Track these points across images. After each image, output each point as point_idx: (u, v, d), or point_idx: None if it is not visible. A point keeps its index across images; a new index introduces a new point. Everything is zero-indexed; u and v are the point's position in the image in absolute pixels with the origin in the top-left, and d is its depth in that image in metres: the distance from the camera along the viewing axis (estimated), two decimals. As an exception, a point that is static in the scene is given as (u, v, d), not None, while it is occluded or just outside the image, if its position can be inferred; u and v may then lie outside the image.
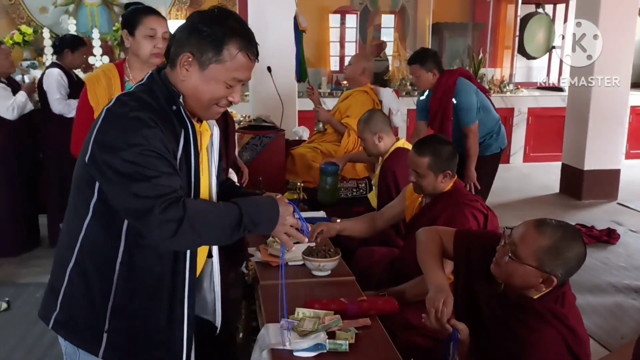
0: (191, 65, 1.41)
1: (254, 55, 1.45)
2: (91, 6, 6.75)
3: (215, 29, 1.40)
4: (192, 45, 1.41)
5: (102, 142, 1.34)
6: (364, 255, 2.79)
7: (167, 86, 1.44)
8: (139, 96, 1.41)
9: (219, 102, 1.47)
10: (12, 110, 3.95)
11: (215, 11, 1.44)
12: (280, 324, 1.81)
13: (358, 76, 4.02)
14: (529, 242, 1.66)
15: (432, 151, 2.40)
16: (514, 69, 7.76)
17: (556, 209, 5.54)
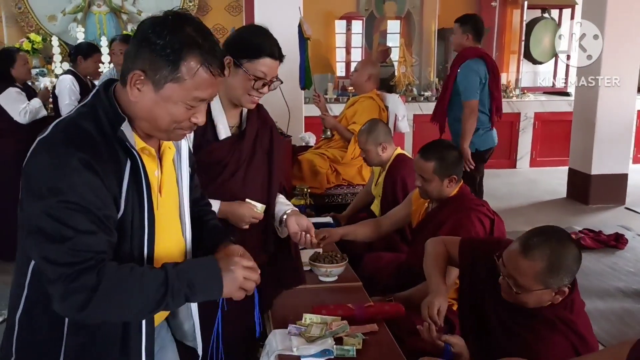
0: (144, 85, 1.21)
1: (218, 69, 1.24)
2: (99, 14, 6.81)
3: (169, 40, 1.18)
4: (144, 60, 1.20)
5: (26, 179, 1.18)
6: (370, 261, 2.79)
7: (113, 107, 1.24)
8: (77, 123, 1.21)
9: (180, 125, 1.27)
10: (25, 114, 4.01)
11: (169, 18, 1.23)
12: (288, 329, 1.82)
13: (364, 82, 4.04)
14: (525, 272, 1.64)
15: (437, 156, 2.41)
16: (520, 74, 7.75)
17: (563, 213, 5.53)
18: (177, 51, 1.18)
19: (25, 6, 6.68)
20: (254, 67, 1.86)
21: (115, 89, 1.28)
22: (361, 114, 3.92)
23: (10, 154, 4.14)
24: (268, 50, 1.87)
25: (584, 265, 4.25)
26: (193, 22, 1.25)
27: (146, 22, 1.24)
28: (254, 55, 1.85)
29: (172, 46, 1.18)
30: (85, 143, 1.17)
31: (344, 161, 3.97)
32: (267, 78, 1.87)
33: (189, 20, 1.25)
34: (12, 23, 6.71)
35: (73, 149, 1.14)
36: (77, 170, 1.13)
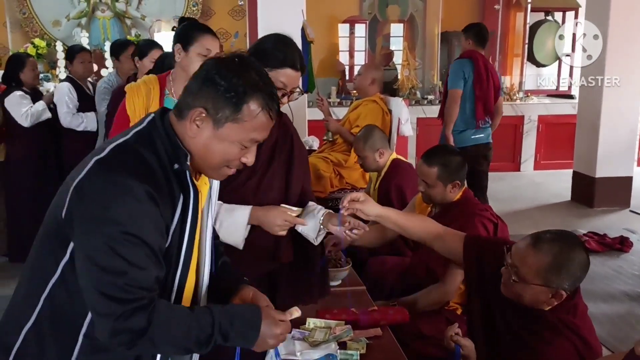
0: (204, 122, 1.24)
1: (276, 113, 1.29)
2: (103, 19, 6.84)
3: (234, 82, 1.22)
4: (207, 99, 1.23)
5: (82, 203, 1.16)
6: (374, 265, 2.79)
7: (173, 141, 1.25)
8: (138, 151, 1.21)
9: (230, 164, 1.30)
10: (27, 117, 4.05)
11: (235, 60, 1.27)
12: (291, 334, 1.82)
13: (367, 86, 4.04)
14: (530, 263, 1.65)
15: (441, 161, 2.41)
16: (523, 77, 7.74)
17: (568, 217, 5.51)
18: (242, 94, 1.22)
19: (30, 11, 6.72)
20: (274, 76, 1.81)
21: (170, 119, 1.28)
22: (364, 118, 3.93)
23: (19, 158, 4.20)
24: (289, 61, 1.87)
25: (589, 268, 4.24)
26: (256, 67, 1.29)
27: (210, 63, 1.27)
28: (274, 64, 1.85)
29: (236, 88, 1.22)
30: (147, 174, 1.18)
31: (348, 165, 3.97)
32: (287, 89, 1.88)
33: (252, 64, 1.29)
34: (16, 28, 6.75)
35: (136, 181, 1.15)
36: (140, 201, 1.14)
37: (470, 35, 4.57)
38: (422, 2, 7.60)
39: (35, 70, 4.27)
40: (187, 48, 2.25)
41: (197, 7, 7.01)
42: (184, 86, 1.30)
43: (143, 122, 1.29)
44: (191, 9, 7.01)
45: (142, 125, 1.28)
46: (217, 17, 7.10)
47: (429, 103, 7.11)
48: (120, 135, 1.26)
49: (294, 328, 1.86)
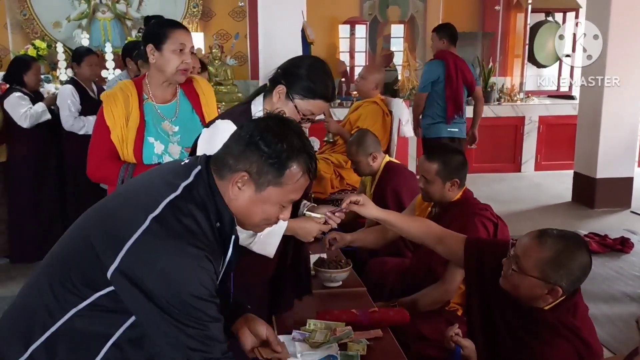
0: (245, 185, 1.28)
1: (315, 172, 1.34)
2: (104, 20, 6.84)
3: (277, 148, 1.26)
4: (250, 163, 1.27)
5: (145, 267, 1.18)
6: (375, 266, 2.79)
7: (219, 204, 1.29)
8: (191, 213, 1.24)
9: (268, 222, 1.37)
10: (25, 118, 4.06)
11: (277, 123, 1.31)
12: (292, 335, 1.82)
13: (370, 90, 4.06)
14: (531, 254, 1.66)
15: (441, 158, 2.42)
16: (524, 78, 7.74)
17: (569, 217, 5.50)
18: (285, 159, 1.27)
19: (31, 13, 6.72)
20: (305, 105, 1.83)
21: (215, 180, 1.30)
22: (365, 119, 3.93)
23: (20, 159, 4.21)
24: (325, 94, 1.84)
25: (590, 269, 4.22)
26: (295, 128, 1.34)
27: (253, 126, 1.30)
28: (309, 95, 1.82)
29: (280, 154, 1.26)
30: (204, 239, 1.24)
31: (348, 166, 3.96)
32: (313, 117, 1.87)
33: (293, 126, 1.33)
34: (17, 30, 6.76)
35: (199, 240, 1.22)
36: (204, 263, 1.21)
37: (445, 35, 4.78)
38: (422, 3, 7.60)
39: (38, 75, 4.31)
40: (160, 47, 2.18)
41: (197, 8, 7.01)
42: (224, 144, 1.33)
43: (189, 173, 1.30)
44: (191, 10, 7.01)
45: (189, 179, 1.29)
46: (217, 18, 7.10)
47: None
48: (166, 186, 1.27)
49: (294, 329, 1.86)
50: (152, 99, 2.27)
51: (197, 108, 2.36)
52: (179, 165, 1.36)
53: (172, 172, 1.33)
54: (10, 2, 6.67)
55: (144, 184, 1.35)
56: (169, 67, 2.20)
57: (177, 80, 2.25)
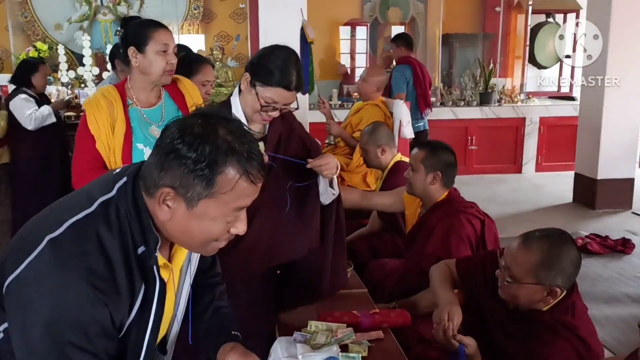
0: (175, 202, 1.06)
1: (259, 173, 1.08)
2: (105, 22, 6.85)
3: (201, 152, 1.02)
4: (173, 176, 1.04)
5: (23, 288, 1.02)
6: (375, 268, 2.79)
7: (144, 222, 1.09)
8: (98, 236, 1.04)
9: (217, 239, 1.13)
10: (31, 120, 4.10)
11: (198, 122, 1.06)
12: (293, 337, 1.82)
13: (372, 93, 4.07)
14: (520, 262, 1.66)
15: (430, 148, 2.48)
16: (525, 79, 7.75)
17: (570, 219, 5.50)
18: (212, 164, 1.03)
19: (32, 15, 6.73)
20: (265, 92, 1.84)
21: (143, 196, 1.10)
22: (367, 122, 3.92)
23: (24, 159, 4.23)
24: (283, 81, 1.83)
25: (591, 270, 4.23)
26: (225, 122, 1.08)
27: (172, 128, 1.07)
28: (267, 82, 1.83)
29: (205, 159, 1.02)
30: (103, 271, 1.03)
31: (349, 168, 3.97)
32: (276, 105, 1.86)
33: (221, 120, 1.08)
34: (18, 32, 6.77)
35: (88, 284, 1.01)
36: (85, 301, 1.01)
37: (401, 43, 5.43)
38: (423, 4, 7.61)
39: (46, 77, 4.36)
40: (143, 49, 2.10)
41: (198, 10, 7.02)
42: (148, 156, 1.10)
43: (113, 186, 1.10)
44: (192, 12, 7.01)
45: (110, 193, 1.09)
46: (218, 19, 7.11)
47: (430, 105, 7.10)
48: (82, 200, 1.09)
49: (295, 331, 1.86)
50: (137, 103, 2.19)
51: (183, 108, 2.29)
52: (112, 172, 1.17)
53: (101, 183, 1.14)
54: (12, 4, 6.68)
55: (70, 195, 1.18)
56: (155, 69, 2.12)
57: (163, 82, 2.19)
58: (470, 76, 7.32)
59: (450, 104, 7.15)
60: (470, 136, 7.11)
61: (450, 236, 2.32)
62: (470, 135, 7.11)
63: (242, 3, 7.04)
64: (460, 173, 2.55)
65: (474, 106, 7.15)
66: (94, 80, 6.15)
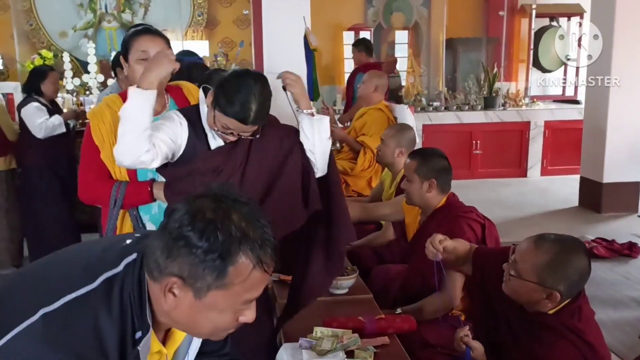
0: (181, 290, 0.99)
1: (273, 261, 1.01)
2: (110, 30, 6.90)
3: (214, 242, 0.96)
4: (181, 265, 0.97)
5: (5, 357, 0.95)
6: (380, 273, 2.78)
7: (144, 312, 1.02)
8: (95, 319, 0.97)
9: (226, 329, 1.08)
10: (41, 129, 4.12)
11: (210, 204, 0.99)
12: (299, 343, 1.82)
13: (371, 94, 4.04)
14: (528, 259, 1.67)
15: (422, 157, 2.46)
16: (529, 83, 7.74)
17: (575, 222, 5.48)
18: (225, 254, 0.96)
19: (37, 23, 6.78)
20: (222, 119, 1.77)
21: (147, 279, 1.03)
22: (370, 126, 3.93)
23: (31, 166, 4.25)
24: (240, 115, 1.74)
25: (597, 274, 4.21)
26: (239, 206, 1.01)
27: (181, 210, 0.99)
28: (223, 109, 1.75)
29: (217, 249, 0.96)
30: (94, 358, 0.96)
31: (354, 173, 3.97)
32: (234, 133, 1.79)
33: (234, 204, 1.01)
34: (24, 40, 6.81)
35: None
36: None
37: (362, 48, 5.56)
38: (426, 9, 7.62)
39: (56, 83, 4.36)
40: (127, 58, 2.04)
41: (202, 17, 7.06)
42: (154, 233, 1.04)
43: (120, 261, 1.03)
44: (196, 19, 7.05)
45: (116, 269, 1.03)
46: (222, 26, 7.15)
47: (435, 110, 7.11)
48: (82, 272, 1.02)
49: (301, 337, 1.86)
50: None
51: None
52: (120, 243, 1.09)
53: (105, 252, 1.06)
54: (17, 13, 6.73)
55: (66, 260, 1.11)
56: (134, 79, 1.99)
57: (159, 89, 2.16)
58: (474, 80, 7.32)
59: (454, 108, 7.15)
60: (475, 140, 7.10)
61: None
62: (474, 140, 7.10)
63: (245, 9, 7.07)
64: (464, 177, 2.55)
65: (478, 110, 7.15)
66: (99, 87, 6.17)
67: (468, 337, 1.80)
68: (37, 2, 6.76)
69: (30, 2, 6.74)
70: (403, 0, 7.58)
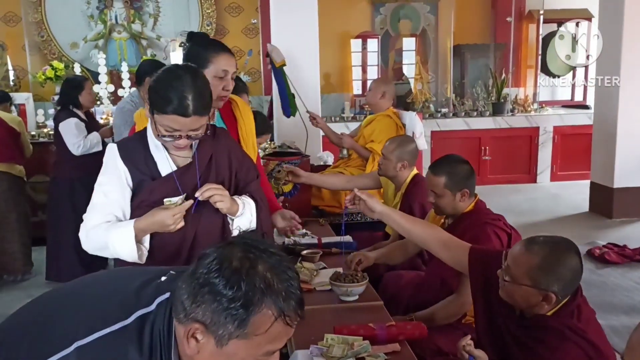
0: (204, 337, 1.00)
1: (298, 314, 1.01)
2: (120, 40, 6.97)
3: (237, 289, 0.97)
4: (204, 311, 0.98)
5: None
6: (391, 280, 2.78)
7: (172, 354, 1.04)
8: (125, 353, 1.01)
9: None
10: (78, 147, 4.13)
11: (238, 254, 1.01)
12: (309, 350, 1.82)
13: (378, 100, 4.04)
14: (521, 263, 1.68)
15: (447, 170, 2.41)
16: (537, 88, 7.72)
17: (586, 228, 5.45)
18: (248, 304, 0.96)
19: (48, 34, 6.87)
20: (162, 121, 1.65)
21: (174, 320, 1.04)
22: (379, 133, 3.93)
23: (64, 180, 4.26)
24: (175, 108, 1.62)
25: (610, 280, 4.17)
26: (267, 256, 1.02)
27: (210, 257, 1.01)
28: (160, 109, 1.64)
29: (241, 299, 0.96)
30: None
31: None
32: (178, 133, 1.65)
33: (262, 254, 1.02)
34: (35, 51, 6.90)
35: None
36: None
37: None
38: (433, 16, 7.64)
39: (92, 93, 4.36)
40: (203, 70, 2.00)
41: (211, 26, 7.12)
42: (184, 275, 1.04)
43: (153, 300, 1.06)
44: (205, 28, 7.11)
45: (150, 307, 1.06)
46: (230, 35, 7.20)
47: (443, 116, 7.11)
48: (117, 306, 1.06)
49: (311, 344, 1.86)
50: None
51: (233, 132, 2.19)
52: (156, 279, 1.11)
53: (142, 287, 1.09)
54: (29, 25, 6.82)
55: (104, 290, 1.13)
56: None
57: (215, 106, 2.09)
58: (482, 86, 7.32)
59: (462, 114, 7.15)
60: (484, 146, 7.10)
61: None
62: (483, 146, 7.09)
63: (254, 18, 7.12)
64: (474, 184, 2.53)
65: (487, 116, 7.15)
66: (110, 97, 6.23)
67: (471, 345, 1.79)
68: (48, 14, 6.85)
69: (41, 14, 6.83)
70: (410, 7, 7.60)
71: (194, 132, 1.67)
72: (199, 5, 7.10)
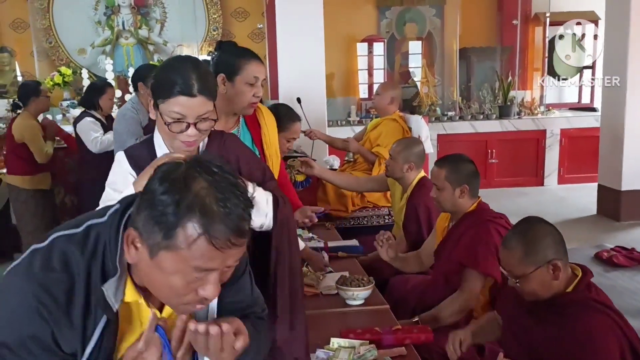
0: (142, 246, 1.02)
1: (228, 239, 0.99)
2: (127, 46, 7.01)
3: (170, 200, 0.97)
4: (142, 218, 1.00)
5: None
6: (397, 284, 2.78)
7: (110, 260, 1.05)
8: (66, 260, 1.04)
9: (183, 300, 1.05)
10: (96, 144, 4.16)
11: (184, 167, 1.01)
12: (316, 354, 1.82)
13: (386, 105, 4.05)
14: (511, 262, 1.78)
15: (450, 164, 2.47)
16: (544, 91, 7.70)
17: (594, 231, 5.42)
18: (174, 215, 0.97)
19: (56, 40, 6.92)
20: (167, 107, 1.56)
21: (123, 216, 1.09)
22: (385, 137, 3.93)
23: (88, 180, 4.26)
24: (180, 87, 1.54)
25: (618, 283, 4.15)
26: (211, 174, 1.01)
27: (163, 169, 1.02)
28: (164, 94, 1.56)
29: (170, 210, 0.97)
30: (60, 291, 1.02)
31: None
32: (185, 119, 1.55)
33: (209, 171, 1.01)
34: (43, 57, 6.95)
35: (34, 295, 1.00)
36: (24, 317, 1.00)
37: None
38: (439, 19, 7.64)
39: (113, 98, 4.43)
40: (233, 78, 2.04)
41: (217, 31, 7.15)
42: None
43: (105, 212, 1.10)
44: (211, 33, 7.14)
45: (102, 218, 1.09)
46: (236, 40, 7.05)
47: (449, 119, 7.11)
48: (77, 220, 1.11)
49: (318, 348, 1.86)
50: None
51: (257, 139, 2.21)
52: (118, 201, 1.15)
53: (103, 207, 1.14)
54: (36, 31, 6.88)
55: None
56: (240, 100, 2.06)
57: (246, 112, 2.13)
58: (488, 89, 7.31)
59: (469, 117, 7.14)
60: (490, 149, 7.08)
61: (478, 244, 2.31)
62: (490, 149, 7.08)
63: (260, 23, 7.15)
64: (480, 187, 2.54)
65: (493, 119, 7.13)
66: (117, 102, 6.26)
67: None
68: (56, 20, 6.90)
69: (49, 20, 6.89)
70: (416, 10, 7.61)
71: (202, 120, 1.57)
72: (205, 11, 7.14)
